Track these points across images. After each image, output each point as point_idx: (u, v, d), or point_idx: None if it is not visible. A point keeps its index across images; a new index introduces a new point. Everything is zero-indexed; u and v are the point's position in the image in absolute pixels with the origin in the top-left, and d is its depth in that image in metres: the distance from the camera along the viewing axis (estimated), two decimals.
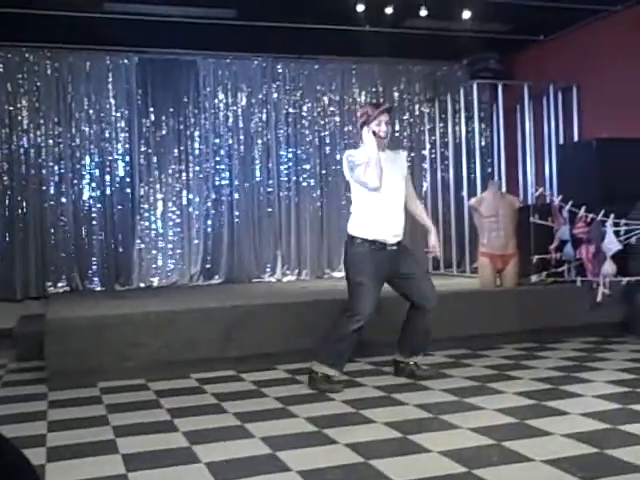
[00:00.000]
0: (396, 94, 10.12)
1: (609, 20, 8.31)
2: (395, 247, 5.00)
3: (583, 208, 6.73)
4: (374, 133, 4.92)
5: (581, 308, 6.70)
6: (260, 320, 5.93)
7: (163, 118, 9.23)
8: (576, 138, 8.95)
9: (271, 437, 3.88)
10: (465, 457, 3.46)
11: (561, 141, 9.15)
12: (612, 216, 6.54)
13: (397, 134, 9.87)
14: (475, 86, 9.13)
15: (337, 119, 9.87)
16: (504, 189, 8.54)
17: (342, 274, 9.47)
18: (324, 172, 9.78)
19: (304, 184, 9.73)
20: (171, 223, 9.27)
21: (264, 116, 9.60)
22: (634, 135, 7.78)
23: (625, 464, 3.30)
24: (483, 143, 10.01)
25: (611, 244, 6.50)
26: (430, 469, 3.33)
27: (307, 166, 9.75)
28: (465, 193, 9.19)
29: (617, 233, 6.52)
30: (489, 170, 9.92)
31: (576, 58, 8.81)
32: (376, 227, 4.94)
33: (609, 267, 6.50)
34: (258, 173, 9.57)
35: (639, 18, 7.90)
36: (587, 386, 4.85)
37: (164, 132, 9.24)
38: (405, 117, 10.13)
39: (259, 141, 9.57)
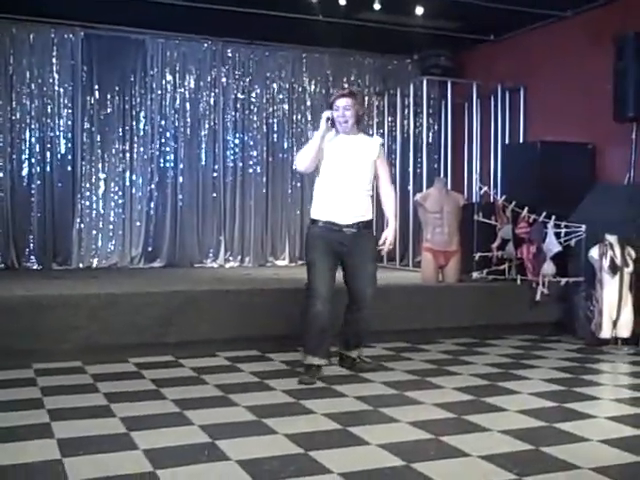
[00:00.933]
0: (346, 85, 10.08)
1: (558, 25, 8.44)
2: (354, 229, 4.95)
3: (526, 209, 6.85)
4: (329, 118, 4.94)
5: (520, 306, 6.84)
6: (202, 306, 5.87)
7: (108, 96, 9.03)
8: (521, 139, 9.08)
9: (210, 425, 3.85)
10: (403, 450, 3.48)
11: (507, 141, 9.28)
12: (553, 218, 6.68)
13: None
14: (425, 82, 9.19)
15: (286, 107, 9.82)
16: (449, 186, 8.64)
17: (285, 262, 9.66)
18: (271, 159, 9.73)
19: (250, 170, 9.65)
20: (113, 204, 9.09)
21: (212, 100, 9.49)
22: (577, 139, 7.94)
23: (559, 461, 3.37)
24: (430, 139, 10.09)
25: (552, 245, 6.65)
26: (368, 461, 3.34)
27: (254, 152, 9.67)
28: (411, 188, 9.24)
29: (558, 235, 6.66)
30: (435, 166, 10.01)
31: (525, 60, 8.93)
32: (331, 208, 4.94)
33: (549, 267, 6.66)
34: (204, 157, 9.46)
35: (587, 24, 8.05)
36: (524, 383, 4.94)
37: (109, 110, 9.05)
38: None
39: (206, 125, 9.46)
